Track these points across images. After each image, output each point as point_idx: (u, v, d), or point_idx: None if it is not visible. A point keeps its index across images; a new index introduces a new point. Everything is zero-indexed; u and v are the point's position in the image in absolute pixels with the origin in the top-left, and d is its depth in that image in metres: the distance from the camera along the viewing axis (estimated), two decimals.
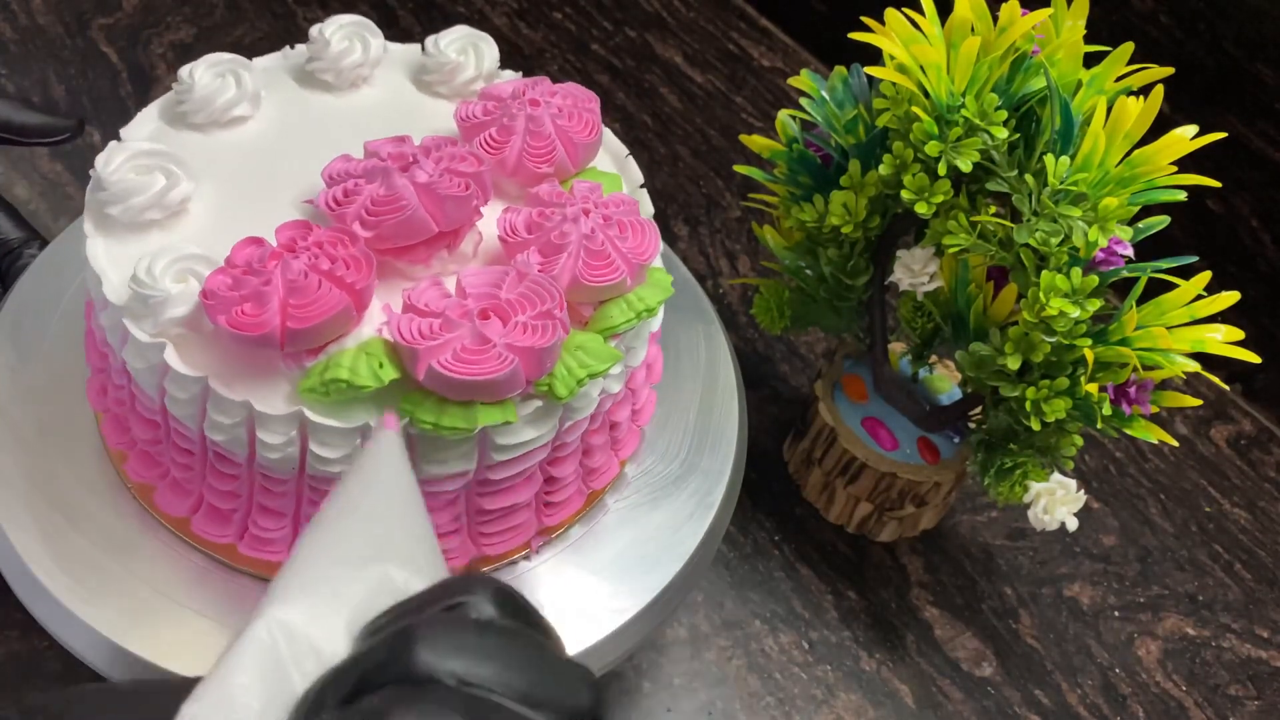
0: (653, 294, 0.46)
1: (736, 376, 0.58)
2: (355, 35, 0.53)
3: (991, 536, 0.69)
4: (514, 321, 0.42)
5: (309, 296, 0.41)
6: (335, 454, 0.42)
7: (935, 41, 0.53)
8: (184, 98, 0.50)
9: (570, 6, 0.97)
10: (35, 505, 0.49)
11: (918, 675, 0.63)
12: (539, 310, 0.42)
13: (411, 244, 0.45)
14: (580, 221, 0.45)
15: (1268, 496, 0.74)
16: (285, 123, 0.51)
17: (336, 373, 0.41)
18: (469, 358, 0.41)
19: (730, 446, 0.56)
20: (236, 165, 0.49)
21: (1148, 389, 0.53)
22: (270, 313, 0.40)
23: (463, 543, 0.48)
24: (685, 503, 0.54)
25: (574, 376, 0.43)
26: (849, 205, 0.58)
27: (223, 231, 0.45)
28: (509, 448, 0.44)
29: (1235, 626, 0.68)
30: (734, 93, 0.93)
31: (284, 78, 0.53)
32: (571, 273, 0.44)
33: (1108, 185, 0.52)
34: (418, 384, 0.42)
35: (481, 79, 0.54)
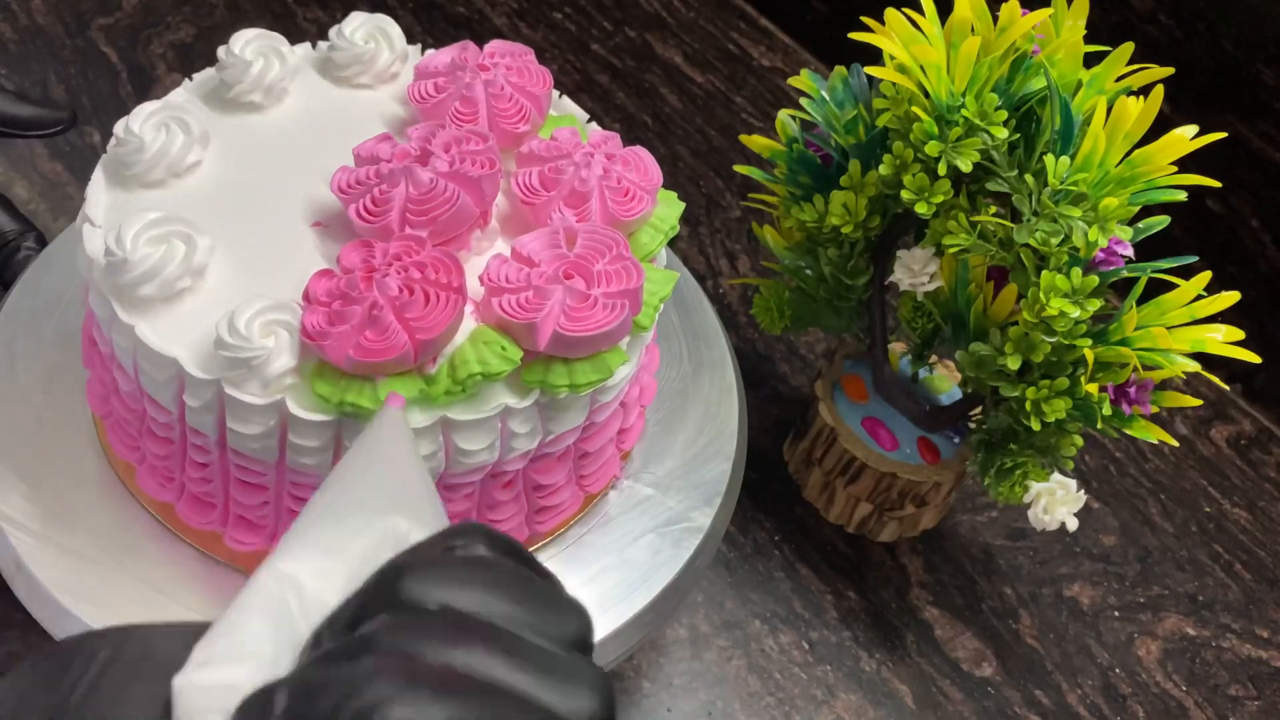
0: (670, 212, 0.49)
1: (736, 376, 0.58)
2: (268, 50, 0.51)
3: (992, 536, 0.69)
4: (596, 272, 0.43)
5: (422, 309, 0.41)
6: (480, 444, 0.44)
7: (935, 41, 0.53)
8: (132, 158, 0.47)
9: (570, 6, 0.96)
10: (34, 505, 0.49)
11: (918, 675, 0.63)
12: (611, 255, 0.44)
13: (459, 232, 0.45)
14: (592, 165, 0.46)
15: (1268, 497, 0.74)
16: (236, 155, 0.49)
17: (467, 369, 0.42)
18: (581, 315, 0.42)
19: (730, 446, 0.56)
20: (222, 210, 0.47)
21: (1148, 389, 0.53)
22: (395, 333, 0.41)
23: (573, 491, 0.51)
24: (685, 503, 0.54)
25: (651, 305, 0.46)
26: (849, 205, 0.58)
27: (253, 277, 0.45)
28: (613, 387, 0.47)
29: (1235, 627, 0.68)
30: (734, 93, 0.93)
31: (205, 109, 0.51)
32: (604, 214, 0.46)
33: (1108, 185, 0.52)
34: (533, 355, 0.43)
35: (398, 60, 0.53)
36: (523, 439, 0.45)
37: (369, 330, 0.41)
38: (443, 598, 0.23)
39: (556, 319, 0.42)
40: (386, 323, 0.41)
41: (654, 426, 0.56)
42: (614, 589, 0.50)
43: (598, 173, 0.46)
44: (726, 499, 0.54)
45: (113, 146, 0.47)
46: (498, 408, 0.43)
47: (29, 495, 0.49)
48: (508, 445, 0.44)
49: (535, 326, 0.42)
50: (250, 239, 0.46)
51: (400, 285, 0.41)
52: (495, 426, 0.43)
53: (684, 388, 0.58)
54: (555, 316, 0.42)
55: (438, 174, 0.44)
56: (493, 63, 0.50)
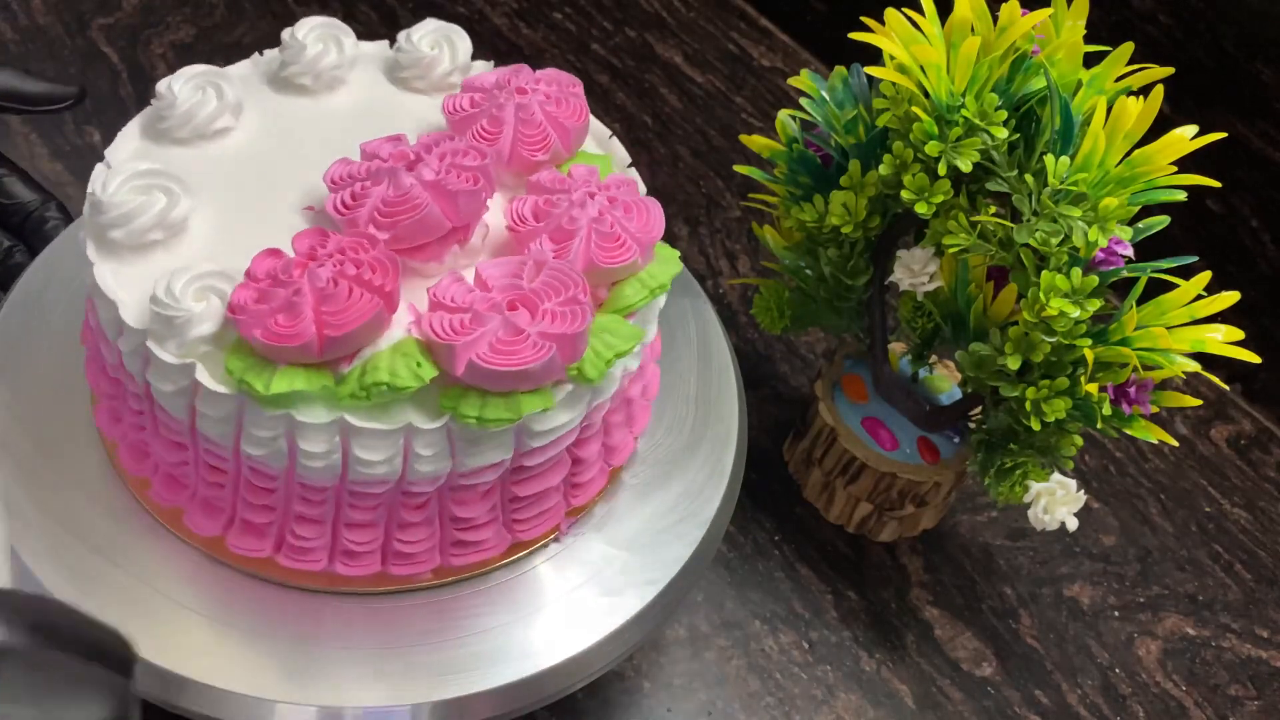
0: (663, 270, 0.47)
1: (736, 376, 0.58)
2: (328, 37, 0.52)
3: (991, 536, 0.69)
4: (541, 310, 0.42)
5: (341, 304, 0.41)
6: (379, 456, 0.43)
7: (935, 41, 0.53)
8: (165, 113, 0.49)
9: (570, 6, 0.96)
10: (34, 505, 0.49)
11: (918, 675, 0.63)
12: (564, 297, 0.43)
13: (426, 242, 0.45)
14: (588, 205, 0.46)
15: (1268, 496, 0.74)
16: (269, 131, 0.51)
17: (376, 376, 0.41)
18: (505, 349, 0.41)
19: (730, 447, 0.56)
20: (228, 177, 0.49)
21: (1148, 389, 0.53)
22: (305, 322, 0.40)
23: (498, 532, 0.49)
24: (684, 502, 0.53)
25: (602, 359, 0.44)
26: (849, 205, 0.58)
27: (228, 246, 0.45)
28: (544, 433, 0.45)
29: (1235, 626, 0.68)
30: (734, 93, 0.93)
31: (260, 85, 0.53)
32: (586, 257, 0.45)
33: (1108, 185, 0.52)
34: (454, 379, 0.42)
35: (458, 71, 0.54)
36: (428, 461, 0.44)
37: (281, 315, 0.41)
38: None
39: (478, 348, 0.41)
40: (301, 311, 0.40)
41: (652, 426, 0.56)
42: (614, 589, 0.50)
43: (591, 214, 0.45)
44: (726, 499, 0.54)
45: (155, 100, 0.49)
46: (402, 424, 0.42)
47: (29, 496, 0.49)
48: (411, 465, 0.44)
49: (454, 351, 0.41)
50: (240, 210, 0.47)
51: (330, 277, 0.41)
52: (398, 442, 0.43)
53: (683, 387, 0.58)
54: (478, 345, 0.41)
55: (420, 181, 0.44)
56: (534, 88, 0.49)
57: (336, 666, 0.46)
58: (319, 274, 0.41)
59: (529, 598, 0.49)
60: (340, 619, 0.48)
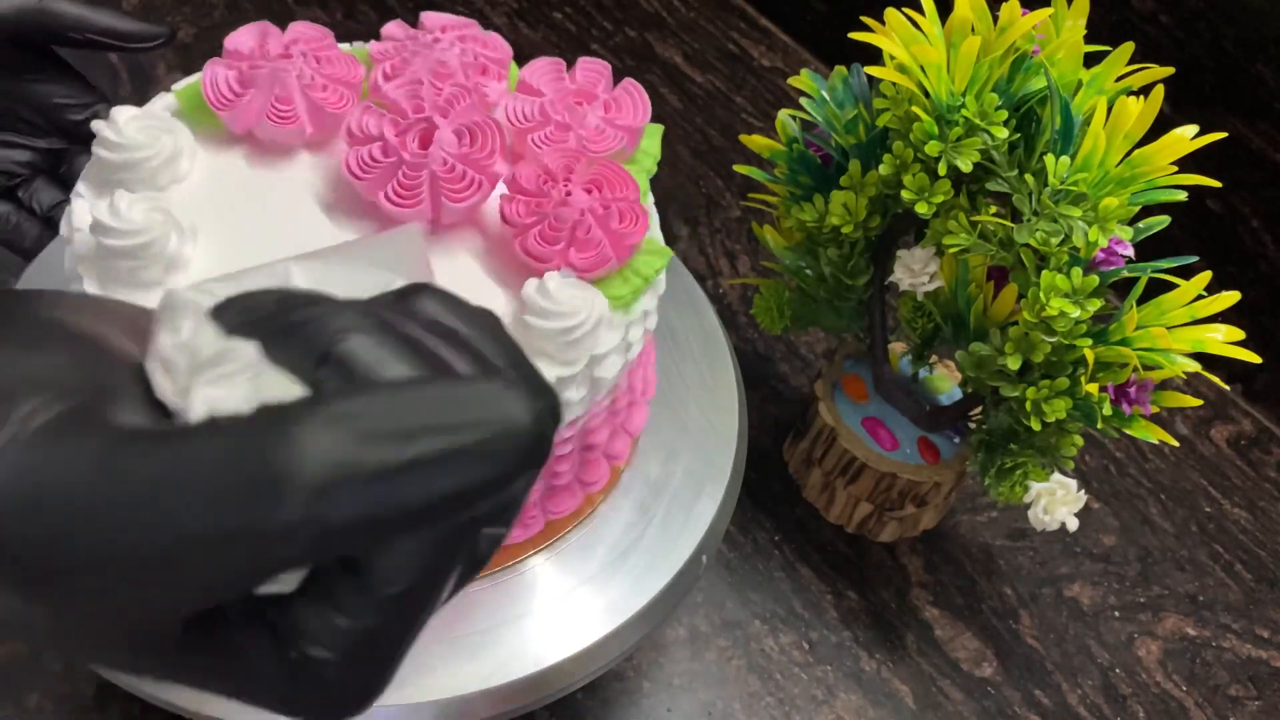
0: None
1: (736, 376, 0.58)
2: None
3: (992, 537, 0.69)
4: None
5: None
6: None
7: (935, 41, 0.53)
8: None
9: (570, 6, 0.96)
10: None
11: (918, 675, 0.63)
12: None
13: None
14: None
15: (1268, 497, 0.74)
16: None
17: None
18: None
19: (730, 446, 0.56)
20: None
21: (1148, 389, 0.53)
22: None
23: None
24: (685, 503, 0.54)
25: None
26: (849, 205, 0.58)
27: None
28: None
29: (1235, 627, 0.68)
30: (734, 93, 0.93)
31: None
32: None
33: (1108, 185, 0.52)
34: None
35: None
36: None
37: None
38: (438, 314, 0.25)
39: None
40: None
41: (653, 426, 0.56)
42: (613, 589, 0.50)
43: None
44: (726, 499, 0.54)
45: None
46: None
47: None
48: None
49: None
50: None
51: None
52: None
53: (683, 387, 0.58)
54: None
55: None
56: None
57: None
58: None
59: (529, 597, 0.49)
60: None
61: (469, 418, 0.21)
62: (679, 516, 0.53)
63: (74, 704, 0.55)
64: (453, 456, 0.21)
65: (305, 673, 0.23)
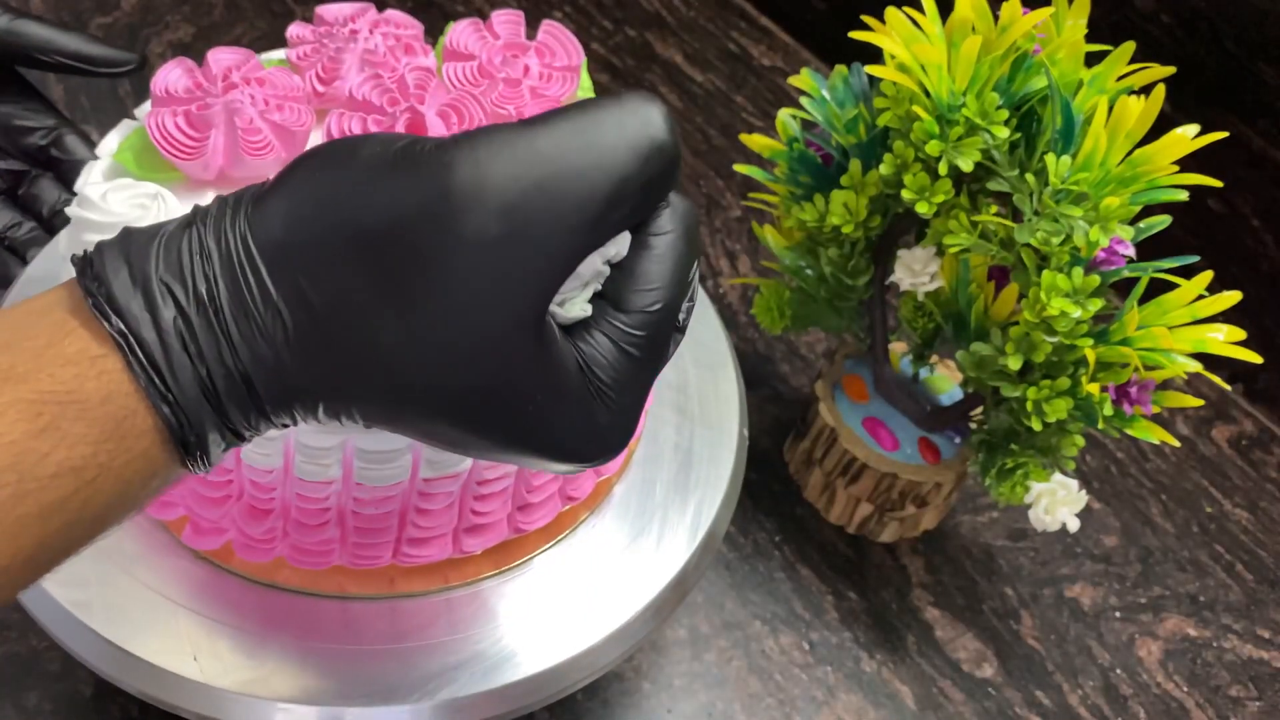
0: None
1: (737, 376, 0.58)
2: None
3: (992, 537, 0.69)
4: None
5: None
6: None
7: (936, 41, 0.53)
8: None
9: (570, 6, 0.96)
10: None
11: (918, 676, 0.62)
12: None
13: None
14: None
15: (1269, 497, 0.74)
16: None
17: None
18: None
19: (730, 447, 0.56)
20: None
21: (1149, 389, 0.53)
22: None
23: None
24: (685, 503, 0.53)
25: None
26: (849, 205, 0.57)
27: None
28: None
29: (1237, 627, 0.67)
30: (734, 92, 0.92)
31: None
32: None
33: (1109, 185, 0.51)
34: None
35: None
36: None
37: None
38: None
39: None
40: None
41: (652, 426, 0.56)
42: (613, 589, 0.50)
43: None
44: (726, 499, 0.54)
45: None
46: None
47: None
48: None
49: None
50: None
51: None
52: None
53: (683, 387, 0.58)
54: None
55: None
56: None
57: (337, 667, 0.46)
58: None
59: (529, 598, 0.49)
60: (341, 619, 0.47)
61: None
62: (679, 516, 0.53)
63: (74, 704, 0.55)
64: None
65: (595, 402, 0.31)
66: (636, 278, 0.32)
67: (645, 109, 0.30)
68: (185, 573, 0.48)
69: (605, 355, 0.31)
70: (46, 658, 0.56)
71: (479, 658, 0.47)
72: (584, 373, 0.31)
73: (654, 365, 0.32)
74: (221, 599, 0.47)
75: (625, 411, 0.32)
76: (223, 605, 0.47)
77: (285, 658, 0.46)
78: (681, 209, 0.32)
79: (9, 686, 0.55)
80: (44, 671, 0.56)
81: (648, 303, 0.31)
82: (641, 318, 0.31)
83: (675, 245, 0.32)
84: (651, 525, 0.53)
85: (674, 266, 0.32)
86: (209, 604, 0.47)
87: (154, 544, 0.49)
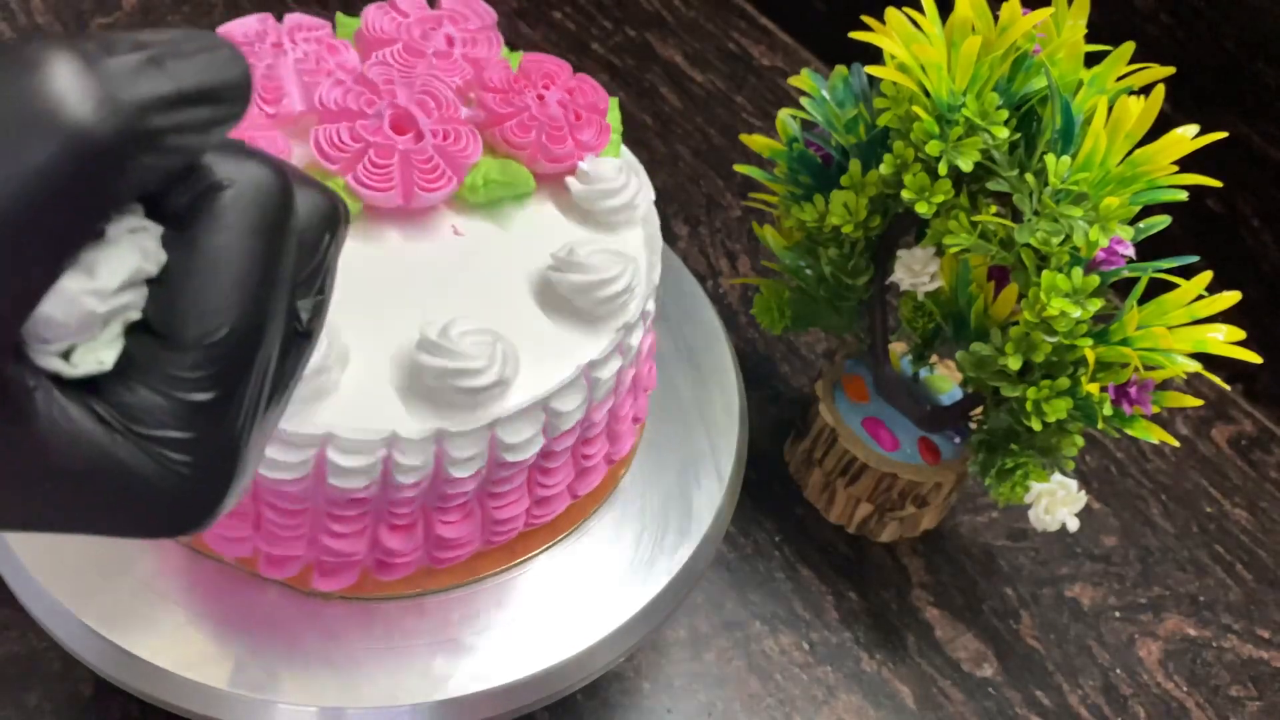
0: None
1: (737, 376, 0.58)
2: None
3: (992, 537, 0.69)
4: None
5: None
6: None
7: (936, 41, 0.53)
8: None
9: (570, 6, 0.96)
10: None
11: (918, 676, 0.63)
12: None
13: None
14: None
15: (1269, 497, 0.74)
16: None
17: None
18: None
19: (730, 447, 0.56)
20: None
21: (1149, 389, 0.53)
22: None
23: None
24: (685, 503, 0.53)
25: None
26: (849, 205, 0.57)
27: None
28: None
29: (1236, 627, 0.67)
30: (734, 92, 0.92)
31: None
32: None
33: (1109, 185, 0.52)
34: None
35: None
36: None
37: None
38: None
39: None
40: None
41: (653, 426, 0.56)
42: (614, 589, 0.50)
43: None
44: (726, 499, 0.54)
45: None
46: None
47: None
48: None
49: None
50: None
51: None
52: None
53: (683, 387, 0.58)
54: None
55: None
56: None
57: (336, 666, 0.46)
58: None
59: (529, 598, 0.49)
60: (341, 619, 0.47)
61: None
62: (679, 517, 0.53)
63: (74, 704, 0.55)
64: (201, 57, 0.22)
65: (160, 461, 0.23)
66: (185, 297, 0.23)
67: (38, 66, 0.20)
68: (185, 572, 0.48)
69: (152, 408, 0.22)
70: (47, 657, 0.56)
71: (479, 657, 0.47)
72: (123, 434, 0.22)
73: (238, 394, 0.23)
74: (222, 598, 0.47)
75: (213, 458, 0.23)
76: (223, 605, 0.47)
77: (285, 658, 0.46)
78: (248, 188, 0.23)
79: (9, 686, 0.55)
80: (44, 671, 0.56)
81: (204, 332, 0.23)
82: (200, 355, 0.23)
83: (237, 246, 0.23)
84: (651, 525, 0.53)
85: (240, 277, 0.23)
86: (209, 603, 0.47)
87: (154, 544, 0.49)
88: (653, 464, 0.55)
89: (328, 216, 0.25)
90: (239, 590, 0.48)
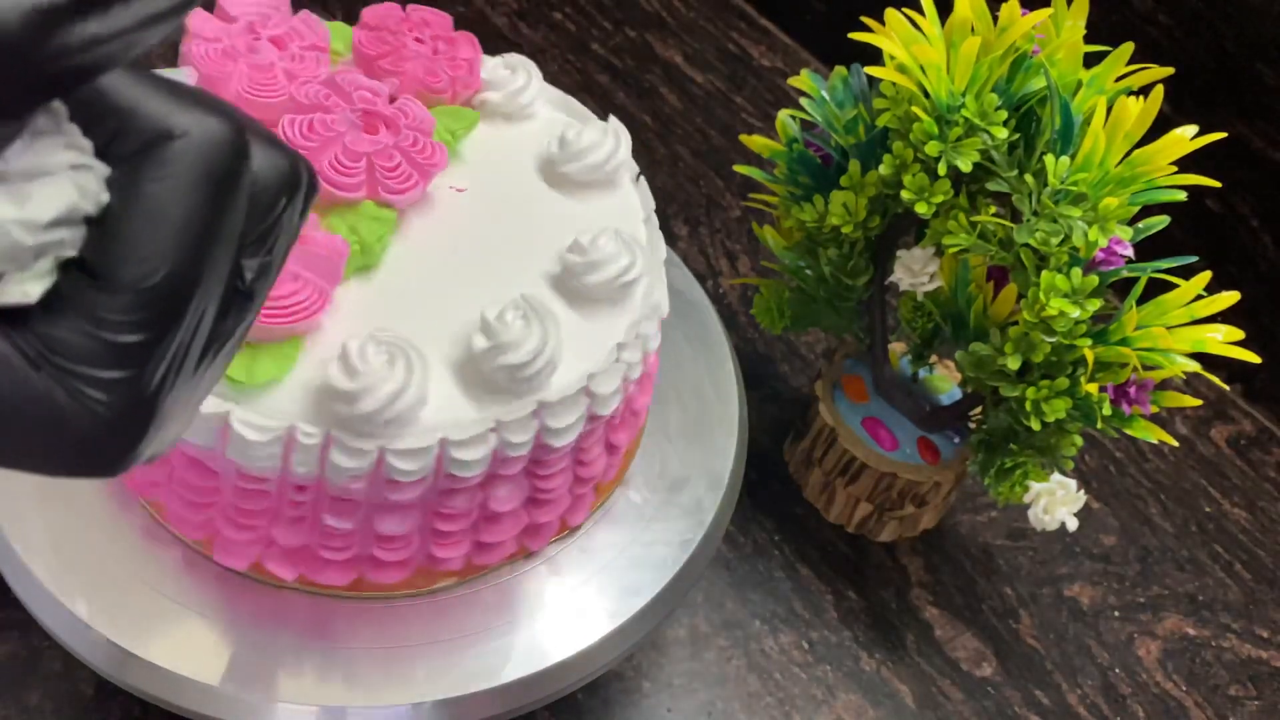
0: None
1: (737, 376, 0.58)
2: None
3: (992, 537, 0.69)
4: None
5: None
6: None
7: (935, 41, 0.53)
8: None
9: (570, 6, 0.96)
10: (35, 505, 0.49)
11: (918, 675, 0.63)
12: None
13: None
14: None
15: (1268, 496, 0.74)
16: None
17: None
18: None
19: (730, 446, 0.56)
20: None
21: (1148, 389, 0.53)
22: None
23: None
24: (684, 503, 0.54)
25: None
26: (849, 205, 0.58)
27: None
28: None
29: (1235, 627, 0.68)
30: (734, 93, 0.93)
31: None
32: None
33: (1108, 185, 0.52)
34: None
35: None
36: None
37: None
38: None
39: None
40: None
41: (653, 426, 0.56)
42: (614, 589, 0.50)
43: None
44: (726, 499, 0.54)
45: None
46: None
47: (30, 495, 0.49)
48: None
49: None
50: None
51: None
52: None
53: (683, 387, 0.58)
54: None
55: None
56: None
57: (337, 666, 0.46)
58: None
59: (529, 597, 0.49)
60: (341, 619, 0.48)
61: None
62: (678, 517, 0.53)
63: (74, 704, 0.55)
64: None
65: (75, 396, 0.22)
66: (122, 241, 0.23)
67: None
68: (186, 572, 0.48)
69: (76, 344, 0.23)
70: (47, 657, 0.56)
71: (479, 657, 0.47)
72: (43, 365, 0.22)
73: (165, 341, 0.23)
74: (221, 598, 0.48)
75: (131, 401, 0.23)
76: (223, 604, 0.47)
77: (285, 658, 0.46)
78: (199, 139, 0.23)
79: (10, 686, 0.55)
80: (45, 671, 0.56)
81: (137, 276, 0.23)
82: (131, 299, 0.23)
83: (180, 196, 0.23)
84: (651, 525, 0.53)
85: (180, 226, 0.23)
86: (209, 603, 0.47)
87: (154, 543, 0.49)
88: (652, 463, 0.55)
89: (286, 178, 0.24)
90: (240, 590, 0.48)
